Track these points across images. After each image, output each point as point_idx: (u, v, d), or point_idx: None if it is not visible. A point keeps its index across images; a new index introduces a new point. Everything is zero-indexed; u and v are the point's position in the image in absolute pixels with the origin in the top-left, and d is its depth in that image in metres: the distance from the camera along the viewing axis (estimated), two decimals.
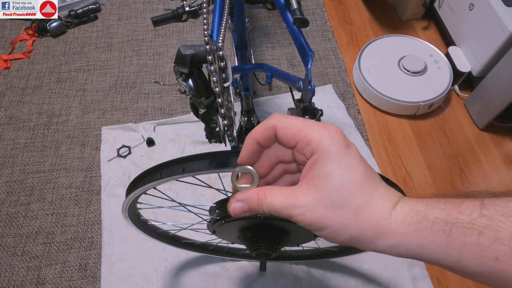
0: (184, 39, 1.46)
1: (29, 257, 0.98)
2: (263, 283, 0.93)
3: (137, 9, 1.56)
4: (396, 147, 1.18)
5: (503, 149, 1.16)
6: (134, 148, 1.16)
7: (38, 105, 1.28)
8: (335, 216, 0.25)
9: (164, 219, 1.01)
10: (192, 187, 1.05)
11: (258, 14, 1.54)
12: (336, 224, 0.25)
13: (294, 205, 0.26)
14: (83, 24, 1.51)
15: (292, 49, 1.42)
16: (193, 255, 0.96)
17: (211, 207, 0.59)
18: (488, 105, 1.13)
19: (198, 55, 0.49)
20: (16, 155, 1.16)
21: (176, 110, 1.26)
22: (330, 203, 0.25)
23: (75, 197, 1.08)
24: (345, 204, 0.25)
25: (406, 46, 1.30)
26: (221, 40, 0.45)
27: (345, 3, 1.58)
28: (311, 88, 0.54)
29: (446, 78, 1.21)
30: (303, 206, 0.26)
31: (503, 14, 1.07)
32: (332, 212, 0.25)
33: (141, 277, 0.94)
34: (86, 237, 1.01)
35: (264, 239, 0.56)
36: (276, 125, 0.28)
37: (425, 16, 1.49)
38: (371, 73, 1.24)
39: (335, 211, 0.25)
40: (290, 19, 0.59)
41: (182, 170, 0.44)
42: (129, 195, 0.51)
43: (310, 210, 0.25)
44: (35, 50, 1.43)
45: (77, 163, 1.14)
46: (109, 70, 1.37)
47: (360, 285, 0.93)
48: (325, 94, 1.28)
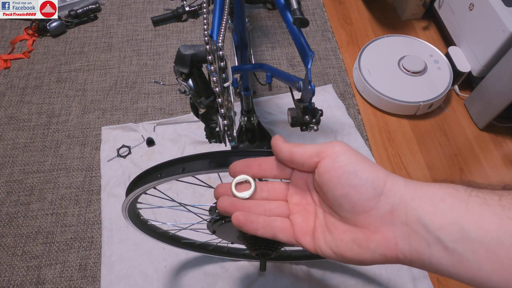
0: (184, 39, 1.46)
1: (29, 257, 0.98)
2: (263, 283, 0.93)
3: (137, 9, 1.56)
4: (396, 147, 1.18)
5: (503, 149, 1.16)
6: (134, 148, 1.16)
7: (38, 105, 1.28)
8: None
9: (164, 219, 1.01)
10: (192, 187, 1.05)
11: (258, 14, 1.54)
12: (369, 162, 0.27)
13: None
14: (83, 24, 1.51)
15: (292, 49, 1.42)
16: (193, 255, 0.96)
17: (211, 207, 0.59)
18: (488, 105, 1.13)
19: (198, 55, 0.49)
20: (16, 155, 1.16)
21: (176, 110, 1.26)
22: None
23: (75, 197, 1.08)
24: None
25: (406, 46, 1.30)
26: (221, 40, 0.45)
27: (345, 3, 1.58)
28: (311, 88, 0.54)
29: (446, 78, 1.21)
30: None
31: (503, 14, 1.07)
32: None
33: (141, 277, 0.94)
34: (86, 237, 1.01)
35: (264, 239, 0.56)
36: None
37: (425, 16, 1.49)
38: (371, 73, 1.24)
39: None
40: (290, 19, 0.59)
41: (182, 170, 0.44)
42: (129, 195, 0.51)
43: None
44: (35, 50, 1.43)
45: (77, 163, 1.14)
46: (109, 70, 1.37)
47: (360, 285, 0.93)
48: (325, 94, 1.28)
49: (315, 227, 0.29)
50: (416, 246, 0.24)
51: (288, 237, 0.30)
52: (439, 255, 0.23)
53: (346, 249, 0.27)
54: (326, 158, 0.27)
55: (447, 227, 0.23)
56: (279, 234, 0.30)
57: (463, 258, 0.22)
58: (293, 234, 0.30)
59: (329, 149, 0.27)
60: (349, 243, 0.27)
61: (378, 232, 0.25)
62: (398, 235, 0.25)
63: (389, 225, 0.25)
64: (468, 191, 0.24)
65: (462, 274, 0.22)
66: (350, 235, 0.27)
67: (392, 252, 0.25)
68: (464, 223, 0.22)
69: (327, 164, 0.27)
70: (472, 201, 0.23)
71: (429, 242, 0.23)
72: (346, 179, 0.26)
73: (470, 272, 0.22)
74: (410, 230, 0.24)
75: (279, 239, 0.30)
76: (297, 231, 0.30)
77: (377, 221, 0.25)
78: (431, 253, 0.23)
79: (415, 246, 0.24)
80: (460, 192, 0.24)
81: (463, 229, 0.22)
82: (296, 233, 0.30)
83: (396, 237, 0.25)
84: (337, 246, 0.27)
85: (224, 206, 0.31)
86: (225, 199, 0.31)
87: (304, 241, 0.29)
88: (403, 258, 0.25)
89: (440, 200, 0.24)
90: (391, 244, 0.25)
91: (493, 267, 0.21)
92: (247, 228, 0.30)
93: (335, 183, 0.26)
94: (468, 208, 0.23)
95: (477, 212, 0.22)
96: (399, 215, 0.25)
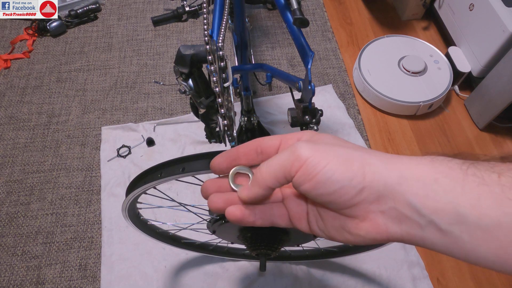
0: (184, 39, 1.46)
1: (29, 257, 0.98)
2: (263, 283, 0.93)
3: (137, 9, 1.56)
4: (396, 147, 1.17)
5: (503, 149, 1.16)
6: (134, 148, 1.16)
7: (38, 105, 1.28)
8: (341, 151, 0.25)
9: (164, 219, 1.01)
10: (192, 187, 1.05)
11: (258, 14, 1.54)
12: (339, 155, 0.24)
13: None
14: (83, 24, 1.51)
15: (292, 49, 1.42)
16: (193, 255, 0.96)
17: None
18: (488, 105, 1.13)
19: (198, 55, 0.49)
20: (16, 155, 1.16)
21: (176, 110, 1.26)
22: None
23: (75, 197, 1.08)
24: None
25: (406, 46, 1.30)
26: (221, 40, 0.45)
27: (345, 3, 1.58)
28: (311, 88, 0.54)
29: (446, 78, 1.21)
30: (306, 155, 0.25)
31: (503, 14, 1.07)
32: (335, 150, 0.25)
33: (141, 277, 0.94)
34: (86, 237, 1.01)
35: (263, 239, 0.56)
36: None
37: (425, 16, 1.49)
38: (371, 73, 1.24)
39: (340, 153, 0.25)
40: (290, 19, 0.59)
41: (182, 169, 0.44)
42: (129, 195, 0.51)
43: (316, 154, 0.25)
44: (35, 50, 1.43)
45: (77, 163, 1.14)
46: (109, 70, 1.37)
47: (360, 285, 0.93)
48: (325, 94, 1.28)
49: (308, 212, 0.29)
50: (408, 229, 0.23)
51: (286, 222, 0.30)
52: (432, 236, 0.22)
53: (337, 235, 0.27)
54: (296, 173, 0.25)
55: (441, 211, 0.21)
56: (277, 221, 0.30)
57: (458, 239, 0.21)
58: (289, 219, 0.30)
59: (295, 162, 0.25)
60: (340, 230, 0.27)
61: (366, 220, 0.25)
62: (387, 220, 0.24)
63: (377, 212, 0.24)
64: (464, 169, 0.22)
65: (456, 253, 0.22)
66: (339, 223, 0.27)
67: (382, 236, 0.25)
68: (460, 206, 0.21)
69: (299, 178, 0.25)
70: (468, 181, 0.21)
71: (421, 224, 0.23)
72: (322, 189, 0.24)
73: (465, 251, 0.21)
74: (400, 214, 0.23)
75: (278, 225, 0.30)
76: (292, 216, 0.30)
77: (365, 211, 0.25)
78: (423, 235, 0.23)
79: (406, 229, 0.24)
80: (455, 171, 0.22)
81: (459, 213, 0.21)
82: (292, 218, 0.30)
83: (385, 222, 0.24)
84: (328, 231, 0.28)
85: (218, 205, 0.29)
86: (217, 197, 0.30)
87: (300, 225, 0.30)
88: (394, 239, 0.25)
89: (433, 181, 0.22)
90: (381, 229, 0.25)
91: (489, 247, 0.20)
92: (245, 222, 0.29)
93: (313, 194, 0.25)
94: (465, 189, 0.21)
95: (475, 194, 0.21)
96: (386, 201, 0.24)
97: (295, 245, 0.73)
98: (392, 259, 0.95)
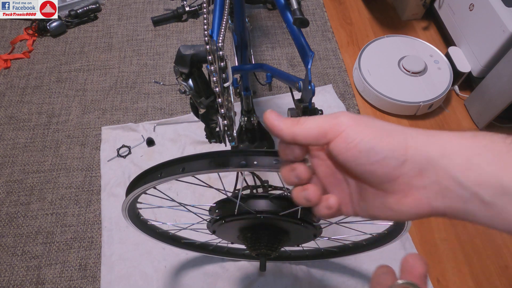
0: (184, 39, 1.46)
1: (29, 257, 0.98)
2: (263, 283, 0.93)
3: (137, 9, 1.56)
4: None
5: None
6: (134, 148, 1.16)
7: (38, 105, 1.28)
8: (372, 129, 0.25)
9: (164, 219, 1.01)
10: (192, 187, 1.05)
11: (258, 14, 1.54)
12: (382, 128, 0.25)
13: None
14: (83, 24, 1.51)
15: (292, 49, 1.42)
16: (193, 255, 0.96)
17: (211, 207, 0.59)
18: (488, 105, 1.13)
19: (198, 55, 0.49)
20: (16, 155, 1.16)
21: (176, 110, 1.26)
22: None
23: (75, 197, 1.08)
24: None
25: (406, 46, 1.30)
26: (221, 40, 0.45)
27: (345, 3, 1.58)
28: (311, 88, 0.54)
29: (446, 78, 1.21)
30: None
31: (503, 14, 1.07)
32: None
33: (140, 277, 0.94)
34: (86, 237, 1.01)
35: (264, 239, 0.57)
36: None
37: (425, 16, 1.49)
38: (371, 73, 1.24)
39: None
40: (290, 19, 0.59)
41: (182, 169, 0.44)
42: (129, 195, 0.51)
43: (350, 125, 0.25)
44: (35, 50, 1.43)
45: (77, 163, 1.14)
46: (109, 70, 1.37)
47: (360, 285, 0.93)
48: (325, 94, 1.28)
49: (351, 194, 0.29)
50: (451, 203, 0.23)
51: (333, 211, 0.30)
52: (476, 208, 0.22)
53: (379, 212, 0.27)
54: (335, 139, 0.25)
55: (485, 183, 0.22)
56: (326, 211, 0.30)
57: (503, 210, 0.21)
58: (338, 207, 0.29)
59: (335, 127, 0.25)
60: (381, 207, 0.27)
61: (408, 195, 0.25)
62: (430, 195, 0.24)
63: (420, 187, 0.24)
64: (508, 143, 0.22)
65: (500, 224, 0.22)
66: (381, 200, 0.27)
67: (425, 211, 0.25)
68: (504, 178, 0.21)
69: (338, 146, 0.25)
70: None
71: (464, 198, 0.23)
72: (364, 158, 0.24)
73: (509, 223, 0.21)
74: (443, 188, 0.23)
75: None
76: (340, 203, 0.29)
77: (406, 186, 0.25)
78: (467, 208, 0.23)
79: (449, 203, 0.23)
80: (498, 144, 0.22)
81: (503, 185, 0.21)
82: (340, 204, 0.30)
83: (428, 197, 0.24)
84: (371, 210, 0.28)
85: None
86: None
87: (346, 210, 0.30)
88: (437, 214, 0.25)
89: (476, 155, 0.22)
90: (423, 204, 0.24)
91: None
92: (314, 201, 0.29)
93: (353, 164, 0.25)
94: (508, 162, 0.21)
95: None
96: (429, 175, 0.24)
97: (295, 245, 0.73)
98: (392, 259, 0.95)
